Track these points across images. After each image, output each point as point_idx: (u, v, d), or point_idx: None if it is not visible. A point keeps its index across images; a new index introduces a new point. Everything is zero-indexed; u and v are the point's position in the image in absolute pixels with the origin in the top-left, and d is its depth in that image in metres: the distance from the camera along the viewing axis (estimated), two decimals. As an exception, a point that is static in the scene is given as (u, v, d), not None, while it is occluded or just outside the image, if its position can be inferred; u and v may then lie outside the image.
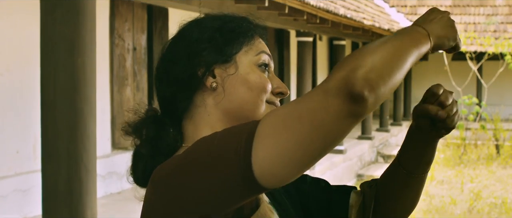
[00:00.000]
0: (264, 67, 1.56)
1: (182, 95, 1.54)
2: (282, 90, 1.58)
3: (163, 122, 1.57)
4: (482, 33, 21.68)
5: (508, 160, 17.80)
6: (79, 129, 4.30)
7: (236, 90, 1.52)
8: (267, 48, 1.62)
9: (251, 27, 1.60)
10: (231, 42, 1.54)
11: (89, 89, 4.36)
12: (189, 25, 1.60)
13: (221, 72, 1.53)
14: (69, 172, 4.29)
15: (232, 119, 1.53)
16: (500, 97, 23.10)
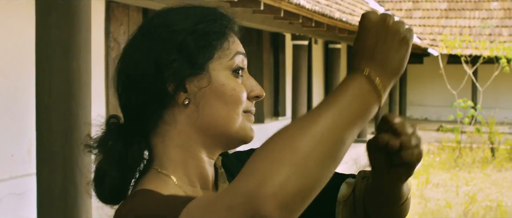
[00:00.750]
0: (239, 72, 1.43)
1: (149, 110, 1.40)
2: (258, 94, 1.46)
3: (129, 135, 1.42)
4: (477, 37, 21.72)
5: (503, 163, 17.82)
6: (74, 132, 4.29)
7: (210, 105, 1.39)
8: (240, 44, 1.48)
9: (225, 24, 1.45)
10: (203, 49, 1.40)
11: (84, 93, 4.35)
12: (156, 23, 1.44)
13: (193, 85, 1.39)
14: (64, 176, 4.29)
15: (205, 136, 1.41)
16: (495, 100, 23.14)
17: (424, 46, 21.51)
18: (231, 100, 1.39)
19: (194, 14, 1.43)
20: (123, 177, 1.42)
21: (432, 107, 25.01)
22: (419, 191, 13.96)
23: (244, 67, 1.46)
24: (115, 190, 1.44)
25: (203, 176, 1.44)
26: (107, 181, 1.42)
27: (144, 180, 1.40)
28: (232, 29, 1.47)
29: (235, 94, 1.40)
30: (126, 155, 1.41)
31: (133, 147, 1.41)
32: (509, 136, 20.59)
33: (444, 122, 22.63)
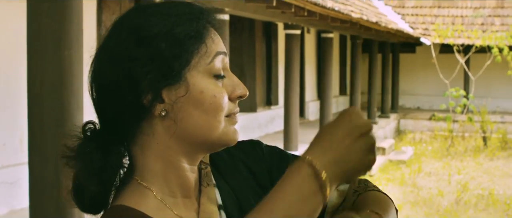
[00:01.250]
0: (219, 75, 1.36)
1: (125, 122, 1.34)
2: (240, 94, 1.38)
3: (107, 144, 1.36)
4: (470, 26, 21.75)
5: (495, 152, 17.88)
6: (66, 122, 4.29)
7: (189, 115, 1.33)
8: (220, 41, 1.40)
9: (202, 24, 1.36)
10: (179, 56, 1.31)
11: (76, 82, 4.34)
12: (127, 29, 1.35)
13: (170, 95, 1.31)
14: (56, 165, 4.28)
15: (186, 145, 1.36)
16: (487, 89, 23.19)
17: (417, 35, 21.53)
18: (211, 109, 1.33)
19: (168, 15, 1.34)
20: (103, 189, 1.36)
21: (425, 96, 25.05)
22: (411, 180, 14.00)
23: (225, 67, 1.38)
24: (95, 201, 1.38)
25: (184, 184, 1.40)
26: (87, 194, 1.36)
27: (124, 193, 1.36)
28: (211, 25, 1.39)
29: (215, 102, 1.33)
30: (105, 168, 1.34)
31: (111, 158, 1.35)
32: (501, 125, 20.66)
33: (437, 111, 22.67)
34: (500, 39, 19.57)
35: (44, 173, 4.30)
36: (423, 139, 20.68)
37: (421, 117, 22.59)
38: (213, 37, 1.36)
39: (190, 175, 1.40)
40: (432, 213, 11.30)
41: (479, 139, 19.39)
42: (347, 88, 22.91)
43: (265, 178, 1.56)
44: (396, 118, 22.10)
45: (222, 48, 1.37)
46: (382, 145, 17.07)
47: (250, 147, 1.60)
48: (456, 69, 21.26)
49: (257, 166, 1.57)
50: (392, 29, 17.07)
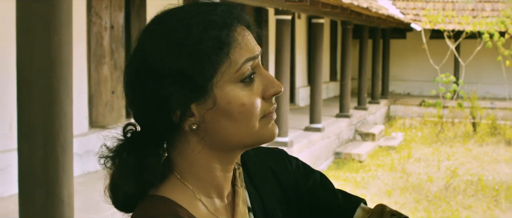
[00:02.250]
0: (250, 78, 1.36)
1: (160, 133, 1.38)
2: (274, 92, 1.38)
3: (146, 147, 1.40)
4: (460, 12, 21.76)
5: (485, 137, 17.95)
6: (55, 107, 4.28)
7: (220, 125, 1.35)
8: (251, 39, 1.39)
9: (226, 30, 1.34)
10: (203, 71, 1.31)
11: (66, 67, 4.33)
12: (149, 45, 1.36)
13: (199, 109, 1.34)
14: (46, 151, 4.27)
15: (220, 152, 1.40)
16: (477, 75, 23.24)
17: (407, 21, 21.53)
18: (241, 117, 1.34)
19: (190, 27, 1.33)
20: (139, 190, 1.40)
21: (415, 82, 25.08)
22: (401, 166, 14.05)
23: (257, 66, 1.38)
24: (128, 201, 1.43)
25: (219, 186, 1.44)
26: (121, 194, 1.42)
27: (164, 186, 1.41)
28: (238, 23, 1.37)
29: (245, 110, 1.34)
30: (142, 169, 1.38)
31: (149, 160, 1.39)
32: (491, 111, 20.72)
33: (427, 97, 22.71)
34: (491, 25, 19.60)
35: (33, 160, 4.29)
36: (413, 124, 20.73)
37: (411, 103, 22.63)
38: (241, 42, 1.35)
39: (224, 177, 1.44)
40: (422, 198, 11.35)
41: (468, 124, 19.45)
42: (337, 74, 22.92)
43: (291, 190, 1.62)
44: (386, 104, 22.13)
45: (251, 52, 1.36)
46: (372, 130, 17.10)
47: (278, 156, 1.66)
48: (446, 55, 21.29)
49: (284, 177, 1.62)
50: (383, 15, 17.06)
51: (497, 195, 11.60)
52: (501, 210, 10.68)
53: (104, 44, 9.70)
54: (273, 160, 1.64)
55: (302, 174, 1.65)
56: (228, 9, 1.37)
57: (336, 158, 14.82)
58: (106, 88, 9.79)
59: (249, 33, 1.39)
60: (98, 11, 9.52)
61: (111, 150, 1.41)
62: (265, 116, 1.39)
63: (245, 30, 1.38)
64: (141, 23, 10.71)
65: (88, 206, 7.21)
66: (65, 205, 4.37)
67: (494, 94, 23.45)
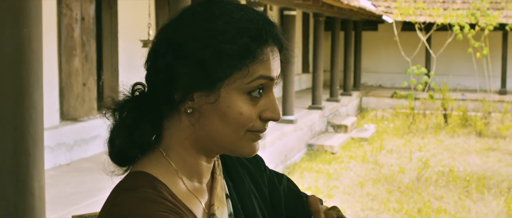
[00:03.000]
0: (257, 95, 1.43)
1: (162, 104, 1.46)
2: (271, 117, 1.45)
3: (145, 110, 1.48)
4: (431, 4, 21.88)
5: (456, 129, 18.08)
6: (25, 100, 4.23)
7: (212, 121, 1.42)
8: (275, 63, 1.45)
9: (261, 43, 1.41)
10: (222, 68, 1.38)
11: (36, 59, 4.29)
12: (183, 24, 1.43)
13: (201, 97, 1.41)
14: (16, 144, 4.23)
15: (201, 144, 1.47)
16: (448, 67, 23.42)
17: (379, 13, 21.62)
18: (233, 123, 1.41)
19: (227, 24, 1.39)
20: (129, 148, 1.48)
21: (386, 74, 25.22)
22: (373, 157, 14.11)
23: (266, 88, 1.45)
24: (122, 156, 1.50)
25: (200, 171, 1.52)
26: (115, 147, 1.50)
27: (148, 161, 1.48)
28: (271, 42, 1.44)
29: (239, 119, 1.41)
30: (133, 129, 1.47)
31: (143, 124, 1.47)
32: (462, 102, 20.89)
33: (398, 89, 22.86)
34: (461, 17, 19.72)
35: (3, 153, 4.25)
36: (385, 116, 20.85)
37: (383, 95, 22.75)
38: (264, 59, 1.41)
39: (206, 167, 1.53)
40: (394, 189, 11.41)
41: (440, 116, 19.59)
42: (309, 66, 22.97)
43: (265, 191, 1.71)
44: (358, 96, 22.23)
45: (269, 72, 1.42)
46: (344, 122, 17.16)
47: (255, 159, 1.74)
48: (417, 47, 21.41)
49: (259, 178, 1.72)
50: (354, 7, 17.11)
51: (468, 185, 11.69)
52: (472, 201, 10.76)
53: (75, 36, 9.63)
54: (249, 161, 1.73)
55: (276, 180, 1.76)
56: (269, 25, 1.44)
57: (309, 150, 14.85)
58: (77, 81, 9.72)
59: (277, 55, 1.45)
60: (69, 3, 9.44)
61: (115, 103, 1.50)
62: (253, 131, 1.44)
63: (275, 51, 1.45)
64: (112, 15, 10.65)
65: (60, 199, 7.17)
66: (36, 198, 4.34)
67: (465, 86, 23.64)
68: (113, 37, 10.72)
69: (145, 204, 1.34)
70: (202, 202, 1.51)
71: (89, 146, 9.76)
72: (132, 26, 11.09)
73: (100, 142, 10.00)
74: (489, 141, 16.43)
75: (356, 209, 10.12)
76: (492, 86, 21.15)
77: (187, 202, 1.46)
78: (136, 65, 9.57)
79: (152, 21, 10.18)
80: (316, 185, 11.53)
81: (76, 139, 9.48)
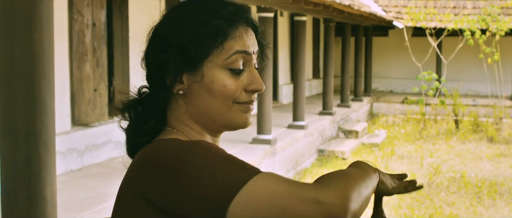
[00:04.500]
0: (237, 69, 1.60)
1: (159, 92, 1.64)
2: (255, 88, 1.63)
3: (147, 104, 1.67)
4: (442, 10, 21.84)
5: (467, 134, 18.02)
6: (37, 105, 4.25)
7: (201, 97, 1.60)
8: (249, 39, 1.64)
9: (231, 21, 1.61)
10: (200, 49, 1.58)
11: (47, 65, 4.30)
12: (165, 20, 1.65)
13: (189, 78, 1.60)
14: (28, 149, 4.25)
15: (200, 121, 1.64)
16: (459, 73, 23.34)
17: (389, 18, 21.59)
18: (219, 95, 1.59)
19: (201, 13, 1.60)
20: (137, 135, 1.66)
21: (397, 79, 25.16)
22: (384, 163, 14.08)
23: (246, 62, 1.63)
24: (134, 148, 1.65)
25: None
26: (129, 144, 1.68)
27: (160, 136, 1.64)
28: (243, 22, 1.63)
29: (223, 90, 1.59)
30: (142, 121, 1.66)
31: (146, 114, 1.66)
32: (473, 108, 20.82)
33: (409, 94, 22.80)
34: (472, 22, 19.67)
35: (15, 158, 4.27)
36: (396, 122, 20.80)
37: (394, 100, 22.70)
38: (237, 36, 1.61)
39: (210, 138, 1.68)
40: (404, 195, 11.36)
41: (451, 122, 19.52)
42: (320, 71, 22.95)
43: None
44: (369, 101, 22.18)
45: (244, 47, 1.61)
46: (355, 128, 17.13)
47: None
48: (428, 53, 21.36)
49: None
50: (365, 12, 17.09)
51: (479, 191, 11.65)
52: (484, 207, 10.72)
53: (86, 41, 9.65)
54: None
55: None
56: (238, 9, 1.64)
57: (320, 156, 14.83)
58: (89, 86, 9.74)
59: (251, 34, 1.65)
60: (80, 8, 9.47)
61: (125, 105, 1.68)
62: (242, 102, 1.63)
63: (248, 30, 1.64)
64: (123, 21, 10.67)
65: (71, 204, 7.18)
66: (48, 203, 4.35)
67: (476, 91, 23.56)
68: (124, 43, 10.74)
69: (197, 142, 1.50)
70: None
71: (100, 151, 9.77)
72: (143, 32, 11.04)
73: (111, 147, 10.03)
74: (501, 147, 16.36)
75: (367, 215, 10.09)
76: (503, 91, 21.08)
77: None
78: (147, 70, 9.51)
79: (163, 27, 10.20)
80: (327, 191, 11.50)
81: (87, 144, 9.50)
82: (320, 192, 1.35)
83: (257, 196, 1.34)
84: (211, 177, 1.38)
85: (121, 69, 10.70)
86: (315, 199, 1.34)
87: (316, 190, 1.36)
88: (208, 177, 1.38)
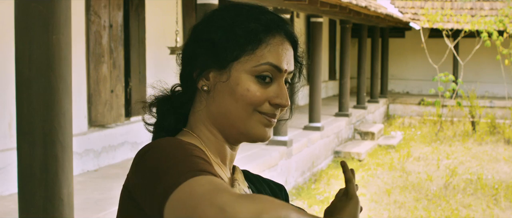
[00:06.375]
0: (263, 78, 1.56)
1: (185, 88, 1.64)
2: (279, 102, 1.58)
3: (170, 103, 1.67)
4: (459, 11, 21.76)
5: (484, 136, 17.95)
6: (54, 106, 4.27)
7: (223, 98, 1.57)
8: (286, 55, 1.59)
9: (267, 27, 1.57)
10: (231, 50, 1.55)
11: (64, 66, 4.32)
12: (205, 18, 1.64)
13: (215, 77, 1.58)
14: (45, 150, 4.27)
15: (218, 123, 1.61)
16: (476, 74, 23.25)
17: (406, 20, 21.54)
18: (241, 99, 1.55)
19: (238, 15, 1.58)
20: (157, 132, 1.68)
21: (414, 81, 25.09)
22: (400, 165, 14.04)
23: (275, 75, 1.57)
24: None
25: (221, 152, 1.65)
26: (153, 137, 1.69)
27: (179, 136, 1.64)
28: (281, 33, 1.59)
29: (247, 95, 1.55)
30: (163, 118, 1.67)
31: (170, 113, 1.66)
32: (490, 110, 20.73)
33: (426, 96, 22.72)
34: (489, 23, 19.59)
35: (32, 158, 4.29)
36: (412, 123, 20.74)
37: (410, 102, 22.64)
38: (272, 47, 1.57)
39: (229, 150, 1.66)
40: (421, 197, 11.34)
41: (467, 123, 19.45)
42: (336, 73, 22.92)
43: None
44: (385, 103, 22.14)
45: (277, 62, 1.56)
46: (371, 129, 17.10)
47: (276, 186, 1.86)
48: (445, 54, 21.29)
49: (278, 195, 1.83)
50: (381, 14, 17.06)
51: (496, 194, 11.60)
52: (501, 209, 10.68)
53: (103, 43, 9.69)
54: (273, 182, 1.86)
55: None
56: (278, 18, 1.61)
57: (336, 157, 14.82)
58: (105, 87, 9.78)
59: (288, 48, 1.60)
60: (97, 10, 9.51)
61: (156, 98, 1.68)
62: (263, 113, 1.58)
63: (285, 43, 1.60)
64: (140, 22, 10.71)
65: (88, 205, 7.21)
66: (65, 204, 4.37)
67: (493, 93, 23.46)
68: (141, 44, 10.77)
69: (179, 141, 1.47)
70: (226, 174, 1.65)
71: (116, 152, 9.81)
72: (160, 33, 11.15)
73: (127, 148, 10.06)
74: (518, 149, 16.29)
75: (383, 217, 10.08)
76: (520, 93, 20.98)
77: (214, 166, 1.55)
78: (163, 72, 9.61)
79: (179, 28, 10.22)
80: (343, 192, 11.49)
81: (104, 145, 9.54)
82: (233, 202, 1.18)
83: (181, 197, 1.26)
84: (160, 177, 1.34)
85: (138, 70, 10.73)
86: (222, 206, 1.17)
87: (231, 199, 1.19)
88: (157, 177, 1.35)
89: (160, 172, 1.35)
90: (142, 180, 1.40)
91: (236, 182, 1.64)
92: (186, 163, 1.35)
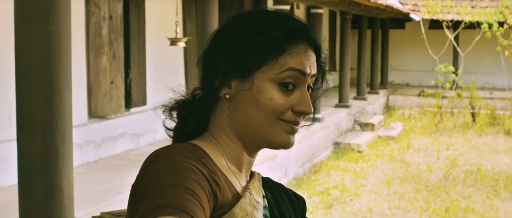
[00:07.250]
0: (286, 86, 1.55)
1: (207, 94, 1.61)
2: (302, 110, 1.58)
3: (191, 108, 1.65)
4: (459, 2, 21.72)
5: (484, 127, 17.95)
6: (54, 97, 4.27)
7: (246, 106, 1.56)
8: (308, 60, 1.58)
9: (290, 35, 1.56)
10: (254, 59, 1.54)
11: (64, 57, 4.32)
12: (227, 24, 1.62)
13: (237, 85, 1.56)
14: (45, 141, 4.27)
15: (240, 131, 1.60)
16: (476, 65, 23.23)
17: (406, 11, 21.51)
18: (264, 108, 1.54)
19: (261, 23, 1.56)
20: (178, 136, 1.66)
21: (414, 72, 25.08)
22: (400, 156, 14.05)
23: (299, 82, 1.57)
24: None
25: (239, 160, 1.64)
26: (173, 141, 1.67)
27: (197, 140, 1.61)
28: (304, 40, 1.58)
29: (269, 104, 1.54)
30: (183, 123, 1.65)
31: (189, 114, 1.64)
32: (490, 101, 20.72)
33: (426, 87, 22.72)
34: (489, 15, 19.56)
35: (32, 150, 4.29)
36: (412, 115, 20.74)
37: (410, 93, 22.64)
38: (295, 54, 1.55)
39: (247, 157, 1.65)
40: (421, 188, 11.35)
41: (467, 115, 19.45)
42: (336, 64, 22.90)
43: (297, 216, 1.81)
44: (385, 94, 22.13)
45: (300, 66, 1.55)
46: (371, 121, 17.10)
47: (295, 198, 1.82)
48: (445, 45, 21.27)
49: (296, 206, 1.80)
50: (381, 5, 17.04)
51: (496, 185, 11.61)
52: (500, 200, 10.69)
53: (103, 34, 9.68)
54: (293, 193, 1.83)
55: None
56: (301, 25, 1.60)
57: (336, 148, 14.82)
58: (105, 79, 9.77)
59: (311, 55, 1.60)
60: (97, 1, 9.50)
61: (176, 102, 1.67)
62: (286, 121, 1.57)
63: (308, 50, 1.59)
64: (140, 13, 10.70)
65: (88, 196, 7.22)
66: (65, 195, 4.38)
67: (493, 84, 23.45)
68: (141, 35, 10.77)
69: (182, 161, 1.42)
70: (240, 182, 1.62)
71: (116, 144, 9.81)
72: (160, 25, 11.13)
73: (127, 139, 10.07)
74: (518, 140, 16.30)
75: (383, 207, 10.09)
76: (520, 84, 20.97)
77: (227, 175, 1.57)
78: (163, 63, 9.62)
79: (179, 19, 10.21)
80: (342, 184, 11.51)
81: (104, 137, 9.54)
82: None
83: None
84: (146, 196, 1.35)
85: (138, 61, 10.73)
86: None
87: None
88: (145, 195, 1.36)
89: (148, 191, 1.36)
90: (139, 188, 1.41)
91: (248, 191, 1.60)
92: (170, 193, 1.32)
